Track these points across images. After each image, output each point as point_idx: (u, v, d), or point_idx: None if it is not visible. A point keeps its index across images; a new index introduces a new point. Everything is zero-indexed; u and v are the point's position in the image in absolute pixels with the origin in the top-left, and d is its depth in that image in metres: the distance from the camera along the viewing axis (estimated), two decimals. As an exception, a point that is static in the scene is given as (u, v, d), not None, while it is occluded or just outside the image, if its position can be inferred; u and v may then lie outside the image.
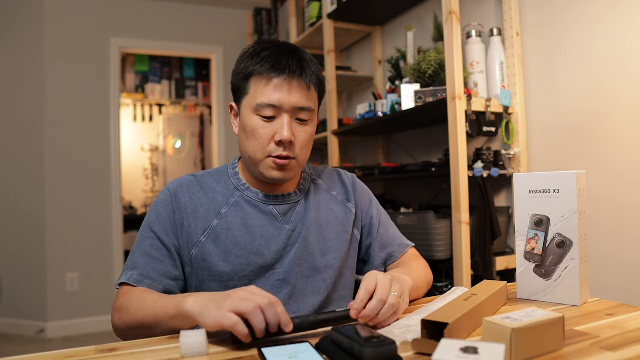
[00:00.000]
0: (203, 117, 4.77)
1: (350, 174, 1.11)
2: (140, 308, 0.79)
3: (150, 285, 0.87)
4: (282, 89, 0.88)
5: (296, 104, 0.89)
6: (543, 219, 0.85)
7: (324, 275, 0.96)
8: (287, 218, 0.96)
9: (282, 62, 0.88)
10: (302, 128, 0.92)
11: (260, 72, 0.89)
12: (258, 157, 0.91)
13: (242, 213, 0.94)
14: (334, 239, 0.98)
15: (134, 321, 0.80)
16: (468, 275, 1.49)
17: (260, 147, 0.90)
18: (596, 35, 1.40)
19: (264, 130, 0.89)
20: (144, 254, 0.91)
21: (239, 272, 0.90)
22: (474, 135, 1.54)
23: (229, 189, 0.97)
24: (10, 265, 3.22)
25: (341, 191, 1.06)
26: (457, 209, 1.49)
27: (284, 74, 0.88)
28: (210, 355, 0.63)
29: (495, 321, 0.58)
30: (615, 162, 1.35)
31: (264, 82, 0.89)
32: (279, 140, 0.88)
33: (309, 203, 0.99)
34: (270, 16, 3.13)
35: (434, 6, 1.99)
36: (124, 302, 0.83)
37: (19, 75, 3.25)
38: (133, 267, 0.89)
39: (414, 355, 0.61)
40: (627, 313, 0.76)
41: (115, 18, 3.44)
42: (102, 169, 3.35)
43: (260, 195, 0.96)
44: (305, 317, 0.68)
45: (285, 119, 0.89)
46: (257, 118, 0.89)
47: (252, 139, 0.90)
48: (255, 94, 0.89)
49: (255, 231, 0.92)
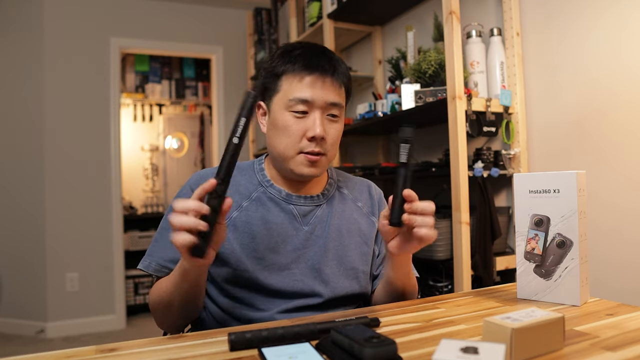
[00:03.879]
0: (203, 117, 4.77)
1: (379, 190, 1.10)
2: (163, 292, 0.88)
3: (167, 274, 0.91)
4: (316, 85, 0.90)
5: (328, 99, 0.90)
6: (543, 219, 0.85)
7: (340, 283, 0.95)
8: (307, 219, 0.96)
9: (314, 61, 0.90)
10: (332, 125, 0.93)
11: (292, 71, 0.90)
12: (289, 154, 0.91)
13: (262, 209, 0.94)
14: (354, 249, 0.98)
15: (157, 300, 0.89)
16: (468, 275, 1.49)
17: (292, 144, 0.90)
18: (596, 35, 1.40)
19: (296, 126, 0.90)
20: (164, 243, 0.93)
21: (254, 265, 0.90)
22: (474, 135, 1.54)
23: (253, 183, 0.98)
24: (10, 265, 3.23)
25: (367, 203, 1.06)
26: (457, 209, 1.49)
27: (317, 72, 0.90)
28: (210, 356, 0.63)
29: (495, 321, 0.58)
30: (615, 162, 1.35)
31: (297, 79, 0.90)
32: (311, 136, 0.89)
33: (333, 210, 0.99)
34: (270, 16, 3.13)
35: (434, 6, 1.99)
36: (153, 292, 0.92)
37: (19, 75, 3.25)
38: (151, 255, 0.94)
39: (414, 355, 0.61)
40: (627, 313, 0.76)
41: (115, 18, 3.44)
42: (102, 169, 3.35)
43: (283, 193, 0.96)
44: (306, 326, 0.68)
45: (317, 114, 0.90)
46: (289, 114, 0.90)
47: (284, 136, 0.91)
48: (288, 91, 0.90)
49: (273, 228, 0.93)
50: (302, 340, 0.66)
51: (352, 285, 0.96)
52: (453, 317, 0.78)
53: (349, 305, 0.97)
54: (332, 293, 0.94)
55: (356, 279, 0.97)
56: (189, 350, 0.65)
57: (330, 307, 0.94)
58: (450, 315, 0.79)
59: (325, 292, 0.93)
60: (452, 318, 0.77)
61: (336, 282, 0.94)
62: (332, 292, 0.93)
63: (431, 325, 0.74)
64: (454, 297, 0.92)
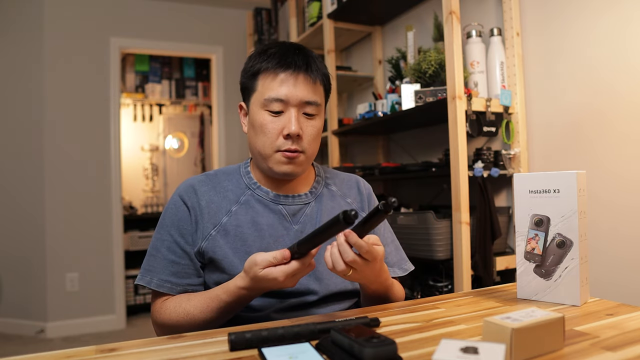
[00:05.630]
0: (203, 117, 4.77)
1: (368, 185, 1.11)
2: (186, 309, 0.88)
3: (170, 289, 0.91)
4: (289, 83, 0.90)
5: (303, 97, 0.91)
6: (543, 219, 0.85)
7: (334, 279, 0.95)
8: (296, 218, 0.97)
9: (288, 58, 0.91)
10: (309, 122, 0.93)
11: (267, 69, 0.92)
12: (267, 152, 0.92)
13: (252, 211, 0.95)
14: None
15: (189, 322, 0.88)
16: (468, 275, 1.49)
17: (269, 142, 0.91)
18: (596, 35, 1.40)
19: (272, 125, 0.91)
20: (162, 258, 0.93)
21: None
22: (474, 135, 1.54)
23: (241, 187, 0.98)
24: (10, 265, 3.22)
25: (357, 199, 1.06)
26: (457, 209, 1.49)
27: (290, 69, 0.91)
28: (210, 356, 0.63)
29: (495, 321, 0.58)
30: (615, 162, 1.35)
31: (270, 77, 0.91)
32: (286, 134, 0.90)
33: (322, 207, 1.00)
34: (270, 16, 3.13)
35: (434, 6, 1.99)
36: (163, 310, 0.91)
37: (19, 75, 3.25)
38: (152, 271, 0.93)
39: (414, 355, 0.61)
40: (627, 313, 0.76)
41: (115, 18, 3.44)
42: (102, 168, 3.35)
43: (270, 194, 0.97)
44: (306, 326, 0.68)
45: (293, 112, 0.91)
46: (266, 113, 0.92)
47: (261, 134, 0.92)
48: (263, 90, 0.92)
49: (263, 229, 0.94)
50: (302, 340, 0.66)
51: (344, 282, 0.96)
52: (453, 317, 0.78)
53: (343, 302, 0.98)
54: (326, 290, 0.94)
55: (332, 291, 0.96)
56: (189, 350, 0.65)
57: (325, 304, 0.95)
58: (450, 315, 0.79)
59: (319, 289, 0.93)
60: (452, 318, 0.77)
61: (329, 279, 0.95)
62: (326, 289, 0.94)
63: (431, 325, 0.74)
64: (454, 297, 0.92)
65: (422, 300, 0.93)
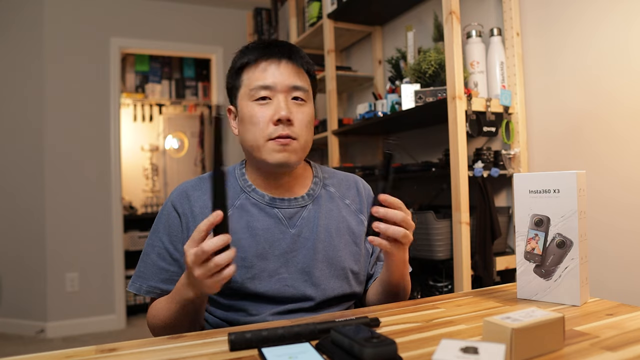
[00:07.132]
0: (203, 117, 4.77)
1: (367, 185, 1.09)
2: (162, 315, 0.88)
3: (159, 296, 0.92)
4: (273, 69, 0.91)
5: (289, 83, 0.91)
6: (543, 219, 0.85)
7: (331, 285, 0.94)
8: (293, 222, 0.95)
9: (269, 48, 0.93)
10: (299, 108, 0.92)
11: (249, 61, 0.92)
12: (259, 143, 0.90)
13: (246, 215, 0.93)
14: (344, 249, 0.97)
15: (162, 326, 0.89)
16: (468, 275, 1.49)
17: (260, 131, 0.90)
18: (596, 35, 1.40)
19: (261, 113, 0.90)
20: (152, 264, 0.93)
21: (243, 274, 0.89)
22: (474, 135, 1.54)
23: (235, 191, 0.96)
24: (10, 265, 3.22)
25: (355, 200, 1.04)
26: (457, 209, 1.49)
27: (273, 57, 0.91)
28: (210, 356, 0.63)
29: (495, 321, 0.58)
30: (615, 162, 1.35)
31: (253, 68, 0.92)
32: (277, 119, 0.89)
33: (320, 209, 0.97)
34: (270, 16, 3.13)
35: (434, 6, 1.99)
36: (149, 314, 0.93)
37: (19, 75, 3.25)
38: (142, 277, 0.94)
39: (414, 355, 0.61)
40: (627, 313, 0.76)
41: (115, 18, 3.44)
42: (102, 169, 3.35)
43: (266, 197, 0.95)
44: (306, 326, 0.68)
45: (281, 97, 0.90)
46: (254, 104, 0.91)
47: (251, 125, 0.91)
48: (249, 82, 0.92)
49: (259, 234, 0.92)
50: (302, 340, 0.66)
51: (342, 286, 0.95)
52: (453, 317, 0.78)
53: (340, 306, 0.97)
54: (323, 295, 0.93)
55: (346, 279, 0.96)
56: (189, 350, 0.65)
57: (322, 309, 0.94)
58: (450, 315, 0.79)
59: (316, 295, 0.92)
60: (452, 318, 0.77)
61: (327, 284, 0.93)
62: (323, 295, 0.93)
63: (431, 325, 0.74)
64: (454, 297, 0.92)
65: (422, 300, 0.93)
